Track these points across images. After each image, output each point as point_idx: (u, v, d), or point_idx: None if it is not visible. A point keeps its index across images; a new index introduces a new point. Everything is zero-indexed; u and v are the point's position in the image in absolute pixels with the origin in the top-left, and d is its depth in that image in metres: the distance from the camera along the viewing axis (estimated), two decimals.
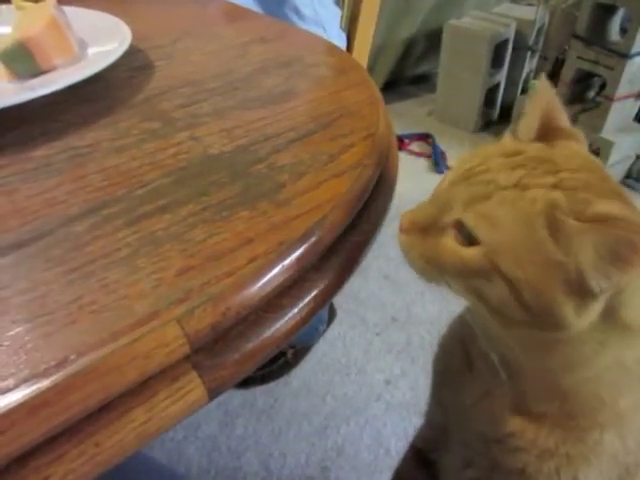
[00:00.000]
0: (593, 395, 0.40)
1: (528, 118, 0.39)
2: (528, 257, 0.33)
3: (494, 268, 0.33)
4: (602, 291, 0.33)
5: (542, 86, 0.39)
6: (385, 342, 1.22)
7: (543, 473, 0.42)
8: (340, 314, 1.26)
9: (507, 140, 0.39)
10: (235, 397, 1.08)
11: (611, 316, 0.35)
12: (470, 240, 0.34)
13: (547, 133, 0.38)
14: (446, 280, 0.37)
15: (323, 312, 1.17)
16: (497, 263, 0.33)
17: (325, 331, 1.22)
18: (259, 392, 1.09)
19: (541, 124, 0.38)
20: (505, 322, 0.37)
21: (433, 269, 0.37)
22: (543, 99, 0.39)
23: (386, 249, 1.48)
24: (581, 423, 0.40)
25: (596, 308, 0.34)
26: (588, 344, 0.36)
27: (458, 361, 0.48)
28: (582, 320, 0.34)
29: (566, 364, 0.38)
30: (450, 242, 0.36)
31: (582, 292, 0.33)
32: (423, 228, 0.37)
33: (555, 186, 0.34)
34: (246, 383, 1.10)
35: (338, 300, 1.28)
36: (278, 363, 1.12)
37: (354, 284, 1.34)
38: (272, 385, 1.11)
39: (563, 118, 0.39)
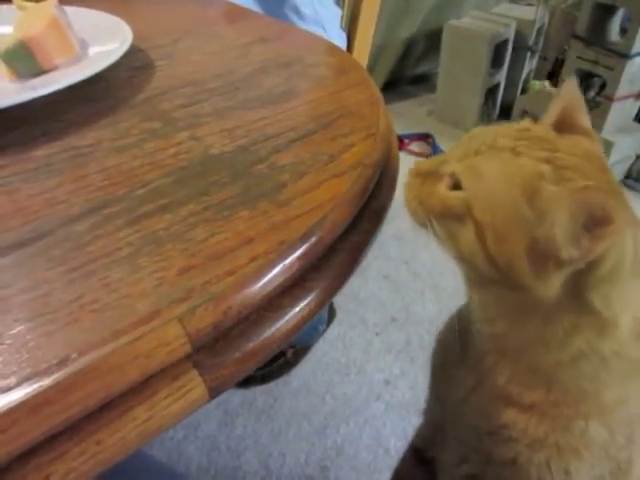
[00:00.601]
0: (575, 385, 0.41)
1: (549, 112, 0.42)
2: (500, 208, 0.36)
3: (468, 211, 0.37)
4: (572, 260, 0.34)
5: (568, 85, 0.42)
6: (385, 342, 1.22)
7: (534, 464, 0.42)
8: (340, 314, 1.26)
9: (523, 121, 0.42)
10: (235, 397, 1.08)
11: (579, 297, 0.36)
12: (457, 188, 0.39)
13: (564, 128, 0.40)
14: (430, 222, 0.41)
15: (323, 312, 1.17)
16: (471, 207, 0.37)
17: (325, 331, 1.22)
18: (259, 392, 1.10)
19: (559, 118, 0.41)
20: (478, 279, 0.41)
21: (422, 210, 0.41)
22: (566, 96, 0.42)
23: (386, 249, 1.48)
24: (565, 412, 0.41)
25: (557, 276, 0.35)
26: (560, 323, 0.38)
27: (454, 354, 0.49)
28: (542, 284, 0.36)
29: (541, 340, 0.40)
30: (441, 188, 0.40)
31: (544, 256, 0.35)
32: (425, 175, 0.42)
33: (547, 161, 0.36)
34: (246, 383, 1.10)
35: (338, 300, 1.28)
36: (278, 363, 1.12)
37: (354, 284, 1.34)
38: (272, 385, 1.11)
39: (583, 118, 0.41)
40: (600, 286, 0.36)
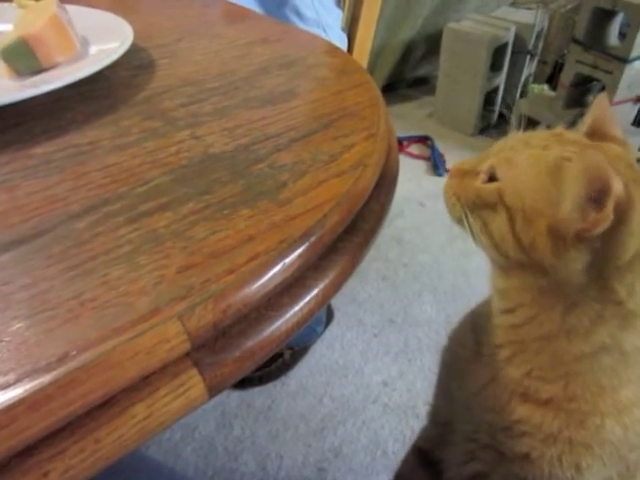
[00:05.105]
0: (594, 379, 0.41)
1: (583, 124, 0.45)
2: (528, 192, 0.40)
3: (500, 199, 0.41)
4: (581, 233, 0.36)
5: (599, 99, 0.45)
6: (383, 344, 1.22)
7: (546, 459, 0.43)
8: (338, 315, 1.26)
9: (557, 127, 0.45)
10: (232, 398, 1.08)
11: (605, 285, 0.38)
12: (491, 181, 0.43)
13: (596, 138, 0.43)
14: (465, 215, 0.44)
15: (321, 313, 1.17)
16: (503, 194, 0.41)
17: (323, 332, 1.22)
18: (256, 393, 1.09)
19: (590, 130, 0.44)
20: (505, 266, 0.44)
21: (459, 204, 0.45)
22: (597, 109, 0.45)
23: (385, 251, 1.48)
24: (582, 407, 0.42)
25: (576, 256, 0.37)
26: (585, 312, 0.39)
27: (468, 350, 0.50)
28: (562, 264, 0.38)
29: (565, 330, 0.40)
30: (477, 182, 0.44)
31: (564, 235, 0.37)
32: (464, 173, 0.46)
33: (575, 153, 0.39)
34: (243, 384, 1.10)
35: (336, 301, 1.28)
36: (276, 364, 1.12)
37: (352, 286, 1.34)
38: (269, 386, 1.11)
39: (614, 128, 0.44)
40: (625, 275, 0.37)
